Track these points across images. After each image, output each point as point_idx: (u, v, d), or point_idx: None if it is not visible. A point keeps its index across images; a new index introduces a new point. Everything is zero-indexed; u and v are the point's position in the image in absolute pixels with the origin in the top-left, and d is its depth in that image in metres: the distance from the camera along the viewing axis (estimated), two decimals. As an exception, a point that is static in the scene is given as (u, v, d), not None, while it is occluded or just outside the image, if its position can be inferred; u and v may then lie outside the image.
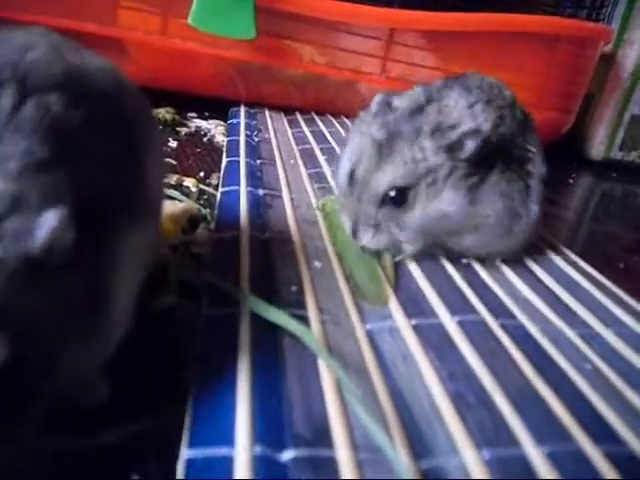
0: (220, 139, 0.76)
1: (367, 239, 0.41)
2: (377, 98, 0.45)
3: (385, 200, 0.40)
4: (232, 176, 0.55)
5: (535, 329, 0.36)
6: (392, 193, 0.40)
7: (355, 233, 0.42)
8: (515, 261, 0.46)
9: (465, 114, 0.42)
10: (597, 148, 1.12)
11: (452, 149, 0.40)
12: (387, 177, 0.40)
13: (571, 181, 1.00)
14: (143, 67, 0.85)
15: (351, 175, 0.42)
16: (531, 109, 0.94)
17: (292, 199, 0.52)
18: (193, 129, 0.79)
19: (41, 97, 0.23)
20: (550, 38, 0.94)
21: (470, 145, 0.40)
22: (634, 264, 0.63)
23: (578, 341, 0.36)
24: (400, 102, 0.44)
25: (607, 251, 0.67)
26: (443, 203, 0.40)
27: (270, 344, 0.30)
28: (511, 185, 0.43)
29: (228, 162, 0.59)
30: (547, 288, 0.43)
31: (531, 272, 0.46)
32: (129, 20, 0.84)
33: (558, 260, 0.49)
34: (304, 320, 0.33)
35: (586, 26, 0.99)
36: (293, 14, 0.85)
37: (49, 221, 0.19)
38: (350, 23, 0.89)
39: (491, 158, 0.42)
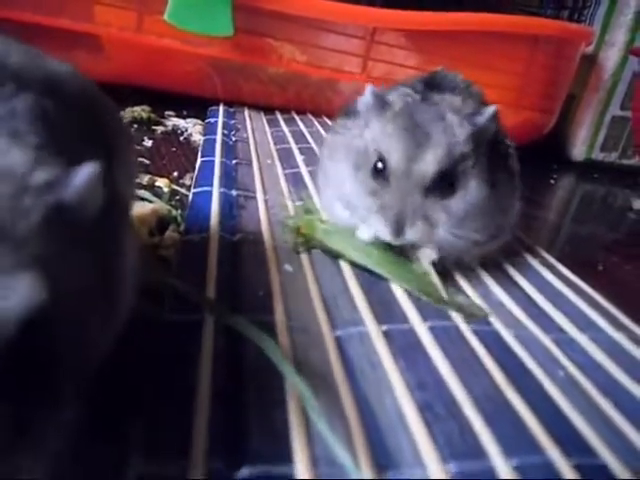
0: (197, 138, 0.74)
1: (416, 234, 0.38)
2: (369, 93, 0.42)
3: (432, 187, 0.38)
4: (205, 176, 0.54)
5: (508, 335, 0.35)
6: (438, 179, 0.38)
7: (400, 229, 0.38)
8: (492, 264, 0.46)
9: (464, 106, 0.42)
10: (579, 149, 1.12)
11: (478, 137, 0.40)
12: (431, 161, 0.38)
13: (552, 182, 1.00)
14: (119, 64, 0.83)
15: (376, 171, 0.39)
16: (513, 109, 0.95)
17: (266, 200, 0.51)
18: (170, 128, 0.78)
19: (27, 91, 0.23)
20: (532, 38, 0.93)
21: (492, 130, 0.41)
22: (613, 265, 0.62)
23: (552, 347, 0.35)
24: (393, 97, 0.42)
25: (587, 252, 0.67)
26: (475, 189, 0.39)
27: (233, 354, 0.29)
28: (501, 181, 0.43)
29: (202, 162, 0.58)
30: (523, 292, 0.42)
31: (507, 275, 0.45)
32: (105, 16, 0.82)
33: (535, 263, 0.48)
34: (270, 326, 0.32)
35: (567, 27, 0.99)
36: (273, 12, 0.84)
37: (84, 172, 0.19)
38: (331, 21, 0.88)
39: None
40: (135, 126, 0.74)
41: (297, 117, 0.90)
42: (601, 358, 0.35)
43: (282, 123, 0.84)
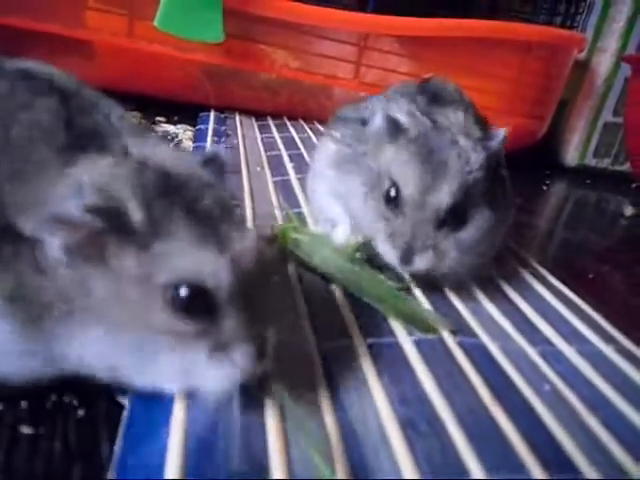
0: (187, 145, 0.74)
1: (424, 264, 0.38)
2: (381, 116, 0.41)
3: (445, 219, 0.38)
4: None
5: (495, 348, 0.35)
6: (451, 211, 0.38)
7: (409, 258, 0.38)
8: (482, 275, 0.45)
9: (473, 126, 0.41)
10: (572, 154, 1.12)
11: (490, 159, 0.39)
12: (447, 193, 0.37)
13: (545, 188, 1.00)
14: (111, 69, 0.83)
15: (389, 198, 0.39)
16: (505, 115, 0.95)
17: (254, 210, 0.51)
18: (160, 134, 0.77)
19: None
20: (524, 45, 0.93)
21: (502, 151, 0.40)
22: (603, 274, 0.62)
23: (539, 360, 0.35)
24: (404, 119, 0.41)
25: (578, 260, 0.66)
26: (486, 217, 0.39)
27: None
28: (499, 199, 0.42)
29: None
30: (512, 303, 0.42)
31: (497, 287, 0.44)
32: (97, 22, 0.82)
33: (525, 274, 0.48)
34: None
35: (560, 34, 0.99)
36: (265, 18, 0.84)
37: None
38: (323, 27, 0.88)
39: None
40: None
41: (289, 123, 0.89)
42: (588, 372, 0.34)
43: (273, 129, 0.84)
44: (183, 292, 0.23)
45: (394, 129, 0.40)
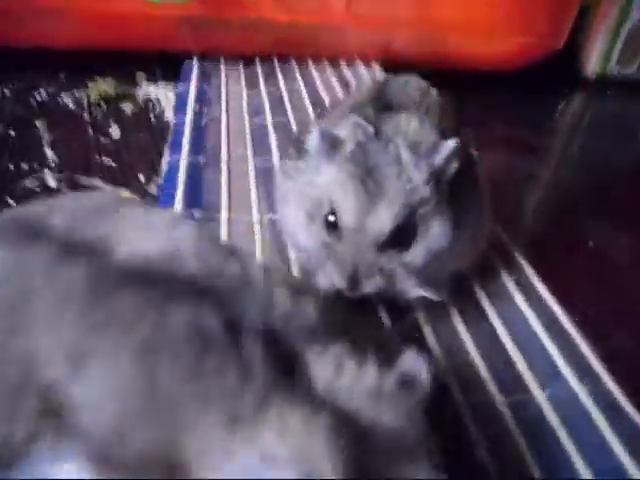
0: (170, 115, 0.70)
1: (373, 287, 0.36)
2: (317, 134, 0.37)
3: (386, 243, 0.36)
4: (169, 192, 0.52)
5: (462, 400, 0.35)
6: (394, 233, 0.36)
7: (355, 284, 0.36)
8: (462, 292, 0.44)
9: (428, 134, 0.38)
10: (592, 64, 1.03)
11: (437, 175, 0.37)
12: (386, 217, 0.35)
13: (561, 107, 0.94)
14: (81, 28, 0.77)
15: (328, 223, 0.37)
16: (511, 35, 0.86)
17: (229, 220, 0.49)
18: (141, 100, 0.73)
19: None
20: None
21: (453, 167, 0.37)
22: (606, 238, 0.58)
23: (506, 412, 0.34)
24: (344, 132, 0.38)
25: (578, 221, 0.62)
26: (437, 235, 0.37)
27: None
28: (474, 191, 0.41)
29: (167, 170, 0.56)
30: (490, 327, 0.41)
31: (477, 307, 0.43)
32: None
33: (510, 285, 0.46)
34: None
35: None
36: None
37: None
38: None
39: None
40: (104, 106, 0.71)
41: (278, 68, 0.83)
42: (555, 423, 0.34)
43: (261, 81, 0.79)
44: None
45: (330, 146, 0.37)
